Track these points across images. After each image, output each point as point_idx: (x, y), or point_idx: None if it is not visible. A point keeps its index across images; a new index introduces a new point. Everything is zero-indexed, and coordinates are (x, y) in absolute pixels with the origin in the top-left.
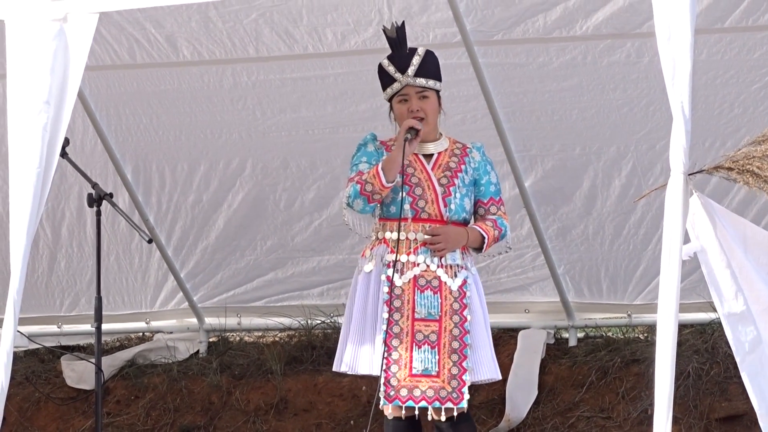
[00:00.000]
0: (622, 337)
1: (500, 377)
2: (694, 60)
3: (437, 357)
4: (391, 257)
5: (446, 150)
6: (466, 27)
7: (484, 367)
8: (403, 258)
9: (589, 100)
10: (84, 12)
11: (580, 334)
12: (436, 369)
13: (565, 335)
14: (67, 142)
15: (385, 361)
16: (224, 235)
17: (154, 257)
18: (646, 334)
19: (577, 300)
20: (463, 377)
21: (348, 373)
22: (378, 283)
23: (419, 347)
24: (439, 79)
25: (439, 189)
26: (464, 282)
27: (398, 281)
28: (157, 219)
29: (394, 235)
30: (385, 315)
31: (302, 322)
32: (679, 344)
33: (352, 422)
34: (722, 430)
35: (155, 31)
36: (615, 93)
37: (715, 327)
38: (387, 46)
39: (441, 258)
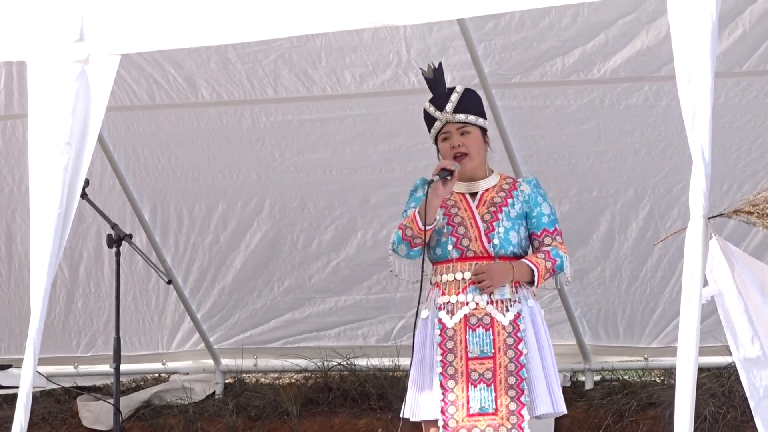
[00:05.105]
0: (639, 380)
1: (562, 411)
2: (713, 103)
3: (494, 394)
4: (442, 299)
5: (494, 186)
6: (484, 70)
7: (542, 402)
8: (453, 299)
9: (606, 143)
10: (106, 54)
11: (597, 377)
12: (494, 406)
13: (582, 378)
14: (87, 183)
15: (442, 403)
16: (241, 276)
17: (170, 298)
18: (662, 377)
19: (594, 343)
20: (522, 412)
21: (411, 419)
22: (433, 328)
23: (475, 386)
24: (481, 115)
25: (482, 225)
26: (517, 315)
27: (449, 322)
28: (174, 259)
29: (443, 278)
30: (438, 357)
31: (318, 364)
32: (696, 388)
33: None
34: None
35: (174, 71)
36: (632, 136)
37: (732, 371)
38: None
39: (489, 295)
